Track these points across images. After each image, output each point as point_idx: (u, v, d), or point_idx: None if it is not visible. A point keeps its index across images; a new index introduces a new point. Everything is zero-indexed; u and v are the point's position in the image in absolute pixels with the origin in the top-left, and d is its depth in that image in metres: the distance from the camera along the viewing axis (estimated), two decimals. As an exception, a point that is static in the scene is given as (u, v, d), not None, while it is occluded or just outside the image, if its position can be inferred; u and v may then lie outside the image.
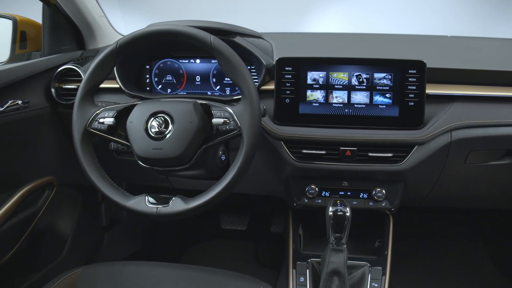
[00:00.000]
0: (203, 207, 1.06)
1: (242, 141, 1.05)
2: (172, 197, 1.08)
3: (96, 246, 1.81)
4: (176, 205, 1.07)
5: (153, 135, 1.08)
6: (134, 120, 1.11)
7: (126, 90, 1.36)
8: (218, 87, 1.43)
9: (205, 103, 1.13)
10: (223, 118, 1.08)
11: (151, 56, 1.45)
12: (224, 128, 1.08)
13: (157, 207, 1.07)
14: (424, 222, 2.14)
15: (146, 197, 1.09)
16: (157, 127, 1.08)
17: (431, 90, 1.24)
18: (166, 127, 1.09)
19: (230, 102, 1.26)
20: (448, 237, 2.10)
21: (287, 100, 1.25)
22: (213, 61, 1.42)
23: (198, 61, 1.44)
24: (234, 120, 1.07)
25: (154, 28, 1.11)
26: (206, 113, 1.12)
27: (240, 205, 2.19)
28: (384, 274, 1.29)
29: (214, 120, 1.08)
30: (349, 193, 1.33)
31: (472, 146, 1.26)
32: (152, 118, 1.10)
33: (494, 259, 1.98)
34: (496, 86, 1.27)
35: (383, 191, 1.30)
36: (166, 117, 1.10)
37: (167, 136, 1.07)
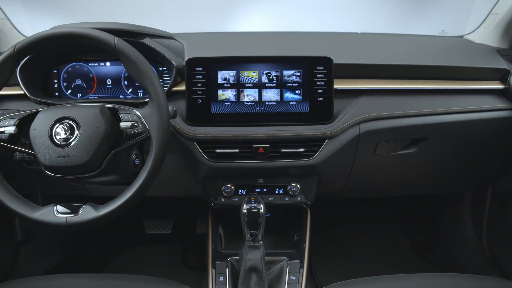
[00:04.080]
0: (115, 214, 1.04)
1: (152, 144, 1.05)
2: (83, 205, 1.05)
3: (11, 263, 1.70)
4: (87, 213, 1.04)
5: (58, 142, 1.05)
6: (38, 127, 1.07)
7: (31, 97, 1.29)
8: (130, 90, 1.40)
9: (113, 107, 1.11)
10: (131, 121, 1.07)
11: (59, 59, 1.39)
12: (132, 132, 1.06)
13: (67, 217, 1.03)
14: (344, 211, 2.22)
15: (55, 207, 1.05)
16: (63, 134, 1.05)
17: (339, 85, 1.29)
18: (72, 133, 1.05)
19: (141, 105, 1.23)
20: (367, 223, 2.20)
21: (199, 100, 1.25)
22: None
23: (108, 64, 1.39)
24: (142, 123, 1.06)
25: (55, 30, 1.07)
26: (114, 117, 1.10)
27: (164, 208, 2.16)
28: (302, 266, 1.32)
29: (122, 124, 1.07)
30: (265, 190, 1.35)
31: (380, 137, 1.32)
32: (57, 125, 1.06)
33: (410, 240, 2.11)
34: (400, 80, 1.34)
35: (298, 185, 1.33)
36: (71, 123, 1.06)
37: (73, 142, 1.04)
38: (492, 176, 1.62)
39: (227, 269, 1.31)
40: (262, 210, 1.18)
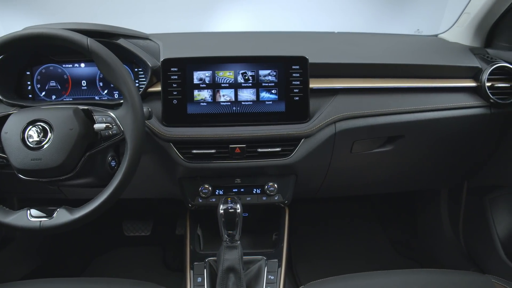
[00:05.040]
0: (90, 216, 1.03)
1: (126, 145, 1.04)
2: (57, 209, 1.04)
3: None
4: (61, 216, 1.03)
5: (31, 145, 1.03)
6: (9, 130, 1.05)
7: (4, 99, 1.27)
8: (105, 91, 1.38)
9: (87, 109, 1.09)
10: (105, 123, 1.06)
11: (32, 61, 1.37)
12: (107, 133, 1.06)
13: (41, 221, 1.02)
14: (323, 209, 2.24)
15: (28, 211, 1.04)
16: (35, 137, 1.03)
17: (315, 84, 1.29)
18: (45, 135, 1.04)
19: (117, 106, 1.22)
20: (346, 221, 2.22)
21: (175, 101, 1.24)
22: None
23: (82, 65, 1.38)
24: (116, 124, 1.06)
25: (26, 31, 1.05)
26: (89, 118, 1.09)
27: (143, 210, 2.15)
28: (280, 266, 1.32)
29: (96, 126, 1.06)
30: (242, 190, 1.35)
31: (356, 136, 1.33)
32: (30, 127, 1.04)
33: (389, 237, 2.14)
34: (375, 78, 1.35)
35: (275, 185, 1.33)
36: (44, 125, 1.05)
37: (46, 145, 1.03)
38: (467, 172, 1.65)
39: (205, 270, 1.31)
40: (239, 210, 1.18)
